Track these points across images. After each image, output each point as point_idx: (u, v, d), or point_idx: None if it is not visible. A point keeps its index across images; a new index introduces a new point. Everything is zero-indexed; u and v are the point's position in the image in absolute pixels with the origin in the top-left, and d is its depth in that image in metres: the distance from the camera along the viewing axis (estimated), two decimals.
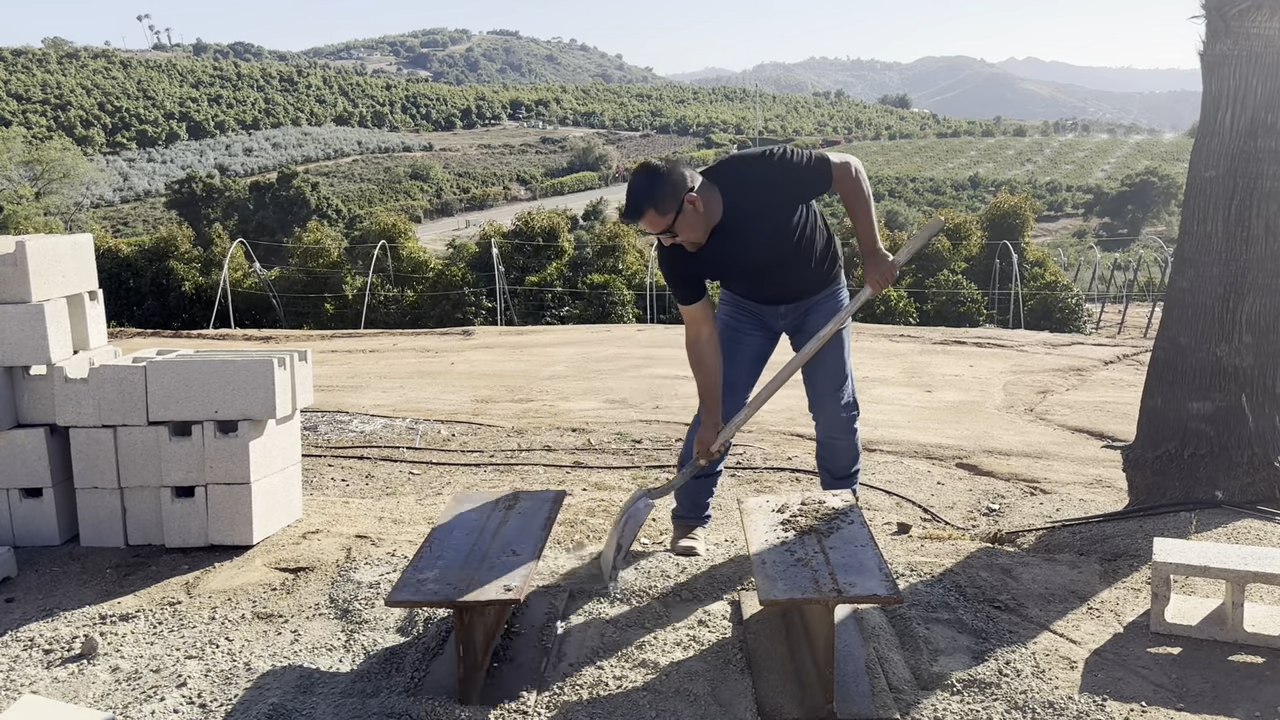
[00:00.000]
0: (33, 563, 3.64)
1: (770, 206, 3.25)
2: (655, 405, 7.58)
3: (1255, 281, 3.67)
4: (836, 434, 3.65)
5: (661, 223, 3.11)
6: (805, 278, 3.45)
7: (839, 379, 3.56)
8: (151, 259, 22.75)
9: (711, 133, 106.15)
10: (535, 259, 23.49)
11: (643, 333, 14.59)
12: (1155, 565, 2.92)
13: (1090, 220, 60.86)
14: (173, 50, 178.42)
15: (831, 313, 3.47)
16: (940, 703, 2.58)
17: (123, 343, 10.68)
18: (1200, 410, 3.74)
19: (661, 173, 3.11)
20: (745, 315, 3.59)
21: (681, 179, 3.10)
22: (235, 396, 3.67)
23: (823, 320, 3.45)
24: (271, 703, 2.62)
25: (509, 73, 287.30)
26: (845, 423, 3.62)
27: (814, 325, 3.47)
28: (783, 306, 3.54)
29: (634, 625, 3.06)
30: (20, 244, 3.68)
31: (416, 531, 3.97)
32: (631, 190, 3.12)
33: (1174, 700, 2.59)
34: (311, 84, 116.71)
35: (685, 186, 3.10)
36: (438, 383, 9.19)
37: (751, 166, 3.27)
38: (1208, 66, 3.75)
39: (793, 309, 3.54)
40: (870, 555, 2.71)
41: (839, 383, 3.56)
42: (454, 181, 78.82)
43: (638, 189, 3.10)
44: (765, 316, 3.58)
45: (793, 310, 3.54)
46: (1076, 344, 12.29)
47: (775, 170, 3.22)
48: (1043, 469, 5.43)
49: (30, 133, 56.20)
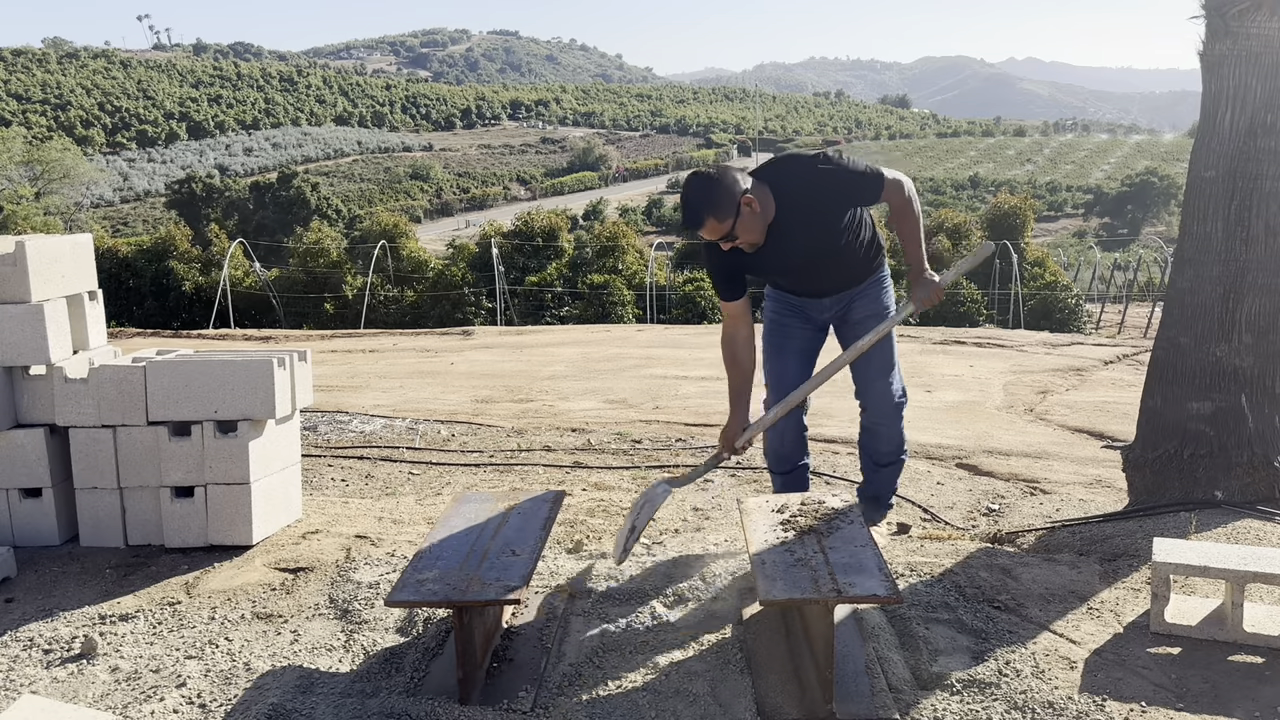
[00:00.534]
0: (32, 563, 3.64)
1: (822, 205, 3.26)
2: (655, 405, 7.58)
3: (1255, 282, 3.67)
4: (882, 419, 3.70)
5: (721, 228, 3.11)
6: (852, 270, 3.51)
7: (888, 364, 3.63)
8: (151, 259, 22.74)
9: (711, 133, 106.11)
10: (535, 259, 23.49)
11: (643, 333, 14.59)
12: (1155, 565, 2.92)
13: (1090, 220, 60.88)
14: (173, 50, 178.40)
15: (874, 300, 3.56)
16: (940, 703, 2.58)
17: (123, 343, 10.68)
18: (1200, 410, 3.74)
19: (715, 178, 3.12)
20: (791, 310, 3.65)
21: (735, 182, 3.12)
22: (235, 396, 3.67)
23: (865, 308, 3.54)
24: (271, 703, 2.62)
25: (509, 73, 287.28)
26: (894, 409, 3.69)
27: (857, 315, 3.57)
28: (828, 299, 3.59)
29: (634, 625, 3.06)
30: (20, 244, 3.68)
31: (416, 531, 3.97)
32: (688, 199, 3.12)
33: (1174, 700, 2.59)
34: (311, 84, 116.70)
35: (740, 189, 3.11)
36: (437, 383, 9.19)
37: (803, 168, 3.28)
38: (1207, 66, 3.75)
39: (838, 300, 3.60)
40: (870, 555, 2.71)
41: (888, 368, 3.63)
42: (454, 181, 78.83)
43: (695, 198, 3.10)
44: (810, 310, 3.64)
45: (837, 301, 3.60)
46: (1076, 344, 12.28)
47: (825, 175, 3.23)
48: (1042, 469, 5.43)
49: (30, 133, 56.20)
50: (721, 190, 3.09)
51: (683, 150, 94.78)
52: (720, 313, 3.47)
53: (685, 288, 22.24)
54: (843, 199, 3.30)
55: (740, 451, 3.43)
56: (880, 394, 3.65)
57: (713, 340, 13.72)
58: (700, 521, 4.19)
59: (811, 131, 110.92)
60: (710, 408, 7.41)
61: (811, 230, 3.28)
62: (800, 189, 3.23)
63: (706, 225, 3.11)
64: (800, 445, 3.86)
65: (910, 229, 3.35)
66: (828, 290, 3.57)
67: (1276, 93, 3.61)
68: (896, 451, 3.80)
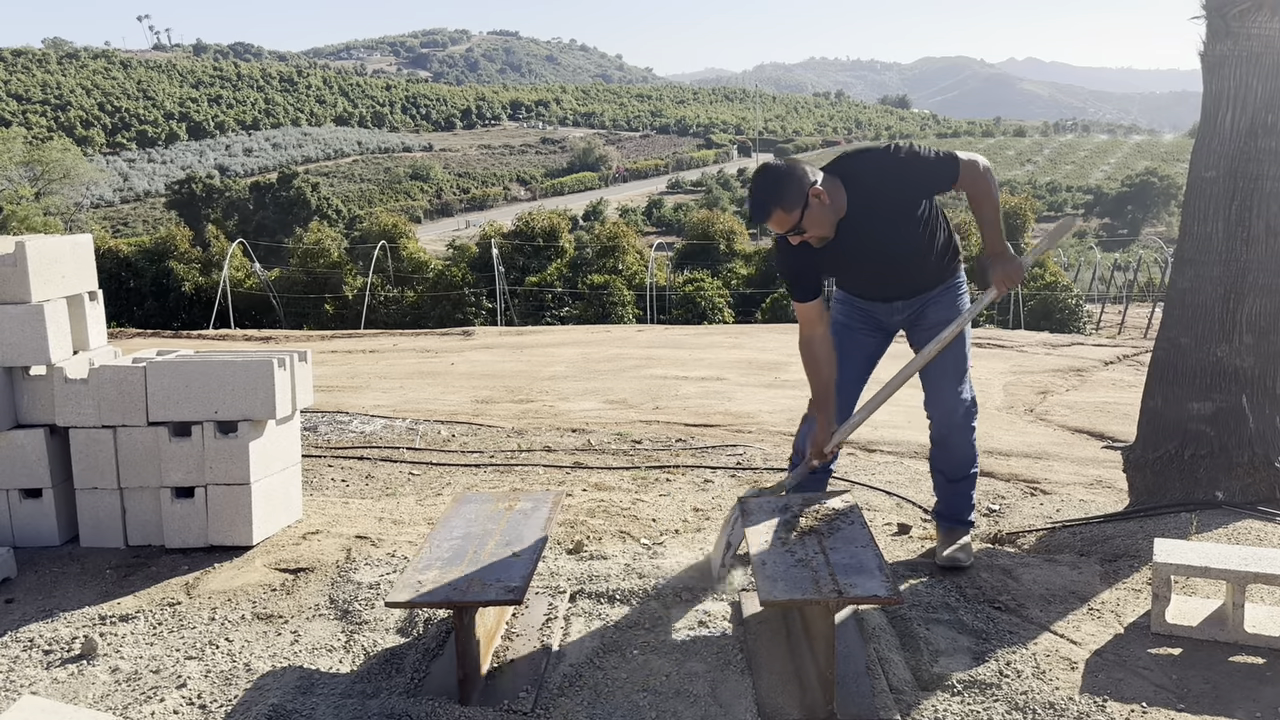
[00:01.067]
0: (33, 563, 3.64)
1: (895, 199, 3.17)
2: (655, 406, 7.58)
3: (1256, 282, 3.66)
4: (952, 430, 3.48)
5: (789, 220, 3.06)
6: (925, 272, 3.36)
7: (960, 371, 3.43)
8: (151, 259, 22.76)
9: (711, 133, 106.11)
10: (535, 259, 23.51)
11: (643, 333, 14.60)
12: (1156, 566, 2.92)
13: (1090, 221, 60.88)
14: (173, 50, 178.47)
15: (949, 306, 3.40)
16: (941, 704, 2.58)
17: (123, 343, 10.67)
18: (1200, 411, 3.74)
19: (783, 170, 3.07)
20: (859, 315, 3.49)
21: (804, 174, 3.06)
22: (235, 397, 3.66)
23: (939, 314, 3.38)
24: (271, 703, 2.62)
25: (509, 73, 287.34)
26: (964, 419, 3.47)
27: (930, 320, 3.40)
28: (899, 302, 3.44)
29: (634, 625, 3.06)
30: (20, 244, 3.68)
31: (416, 532, 3.97)
32: (755, 191, 3.08)
33: (1174, 701, 2.59)
34: (311, 84, 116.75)
35: (809, 181, 3.05)
36: (438, 383, 9.19)
37: (876, 159, 3.19)
38: (1208, 67, 3.75)
39: (910, 304, 3.43)
40: (870, 556, 2.70)
41: (960, 373, 3.44)
42: (454, 182, 78.84)
43: (762, 189, 3.06)
44: (880, 314, 3.49)
45: (909, 305, 3.44)
46: (1076, 344, 12.29)
47: (900, 164, 3.14)
48: (1043, 469, 5.43)
49: (30, 133, 56.15)
50: (790, 182, 3.03)
51: (683, 150, 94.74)
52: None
53: (685, 288, 22.24)
54: (918, 187, 3.18)
55: (828, 457, 3.34)
56: (950, 401, 3.44)
57: (712, 340, 13.72)
58: (700, 522, 4.18)
59: (811, 132, 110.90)
60: (710, 408, 7.41)
61: (884, 224, 3.17)
62: (872, 180, 3.14)
63: (773, 217, 3.05)
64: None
65: (988, 211, 3.23)
66: (899, 294, 3.41)
67: (1277, 93, 3.61)
68: (969, 464, 3.56)
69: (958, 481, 3.58)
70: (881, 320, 3.51)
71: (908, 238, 3.23)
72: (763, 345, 12.12)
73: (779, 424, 6.64)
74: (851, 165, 3.20)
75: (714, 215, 28.35)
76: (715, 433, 6.41)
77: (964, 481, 3.58)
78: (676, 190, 73.41)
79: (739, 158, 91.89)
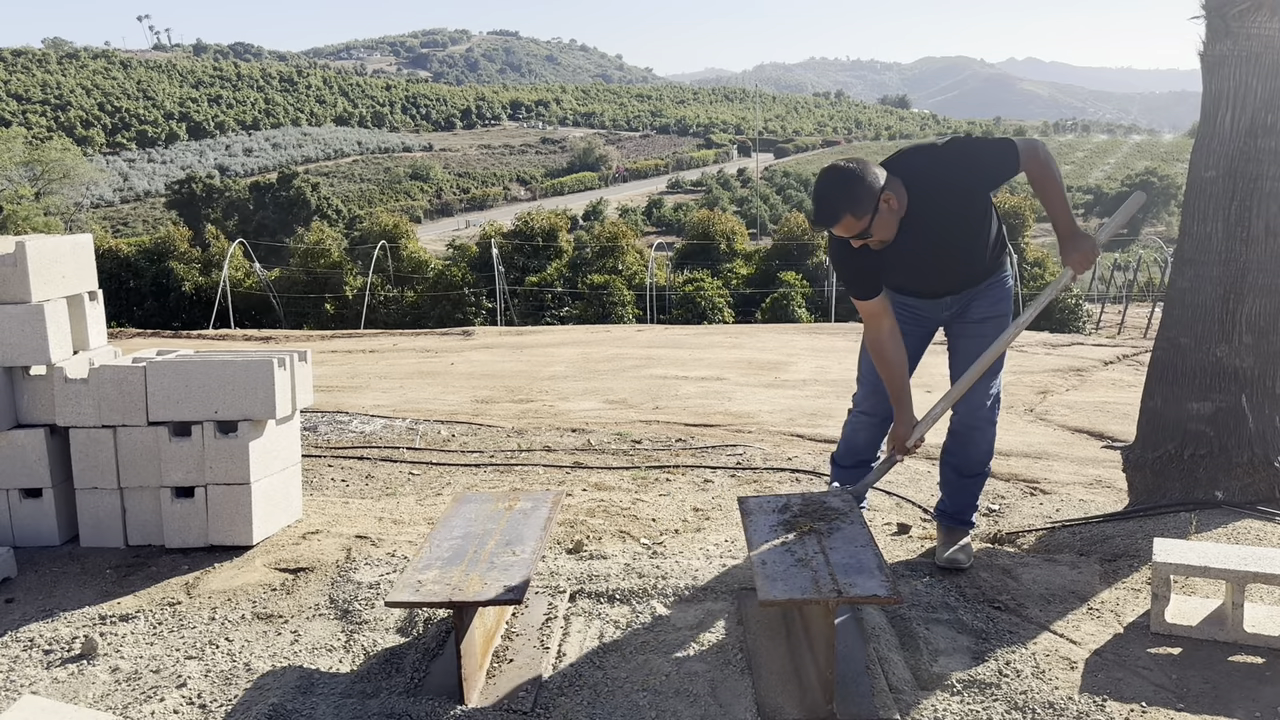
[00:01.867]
0: (33, 563, 3.64)
1: (956, 195, 3.12)
2: (655, 405, 7.58)
3: (1255, 282, 3.66)
4: (976, 423, 3.46)
5: (858, 226, 2.99)
6: (976, 267, 3.33)
7: (997, 363, 3.41)
8: (151, 259, 22.76)
9: (711, 133, 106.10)
10: (535, 259, 23.51)
11: (643, 333, 14.60)
12: (1155, 566, 2.92)
13: (1090, 220, 60.81)
14: (173, 50, 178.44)
15: (994, 301, 3.38)
16: (940, 703, 2.58)
17: (123, 343, 10.68)
18: (1200, 411, 3.74)
19: (856, 174, 2.98)
20: (904, 312, 3.43)
21: (875, 179, 2.99)
22: (235, 397, 3.66)
23: (984, 309, 3.37)
24: (271, 703, 2.62)
25: (509, 73, 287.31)
26: (988, 412, 3.45)
27: (975, 314, 3.39)
28: (948, 298, 3.40)
29: (634, 625, 3.06)
30: (20, 244, 3.68)
31: (416, 532, 3.97)
32: (824, 195, 2.99)
33: (1174, 701, 2.59)
34: (311, 84, 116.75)
35: (880, 186, 2.99)
36: (438, 383, 9.19)
37: (935, 157, 3.14)
38: (1208, 67, 3.75)
39: (958, 299, 3.41)
40: (870, 555, 2.71)
41: (996, 368, 3.41)
42: (454, 182, 78.84)
43: (833, 193, 2.98)
44: (927, 310, 3.45)
45: (957, 301, 3.41)
46: (1076, 344, 12.29)
47: (961, 159, 3.11)
48: (1043, 469, 5.43)
49: (30, 133, 56.13)
50: (863, 188, 2.95)
51: (683, 150, 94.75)
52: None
53: (685, 288, 22.24)
54: (982, 179, 3.14)
55: (911, 451, 3.31)
56: (979, 395, 3.41)
57: (712, 340, 13.73)
58: (700, 522, 4.19)
59: (811, 132, 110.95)
60: (710, 408, 7.41)
61: (945, 221, 3.12)
62: (932, 177, 3.09)
63: (843, 222, 2.98)
64: (875, 443, 3.64)
65: (1054, 193, 3.15)
66: (950, 289, 3.37)
67: (1277, 93, 3.61)
68: (984, 461, 3.54)
69: (969, 478, 3.56)
70: (926, 316, 3.47)
71: (966, 233, 3.19)
72: (762, 345, 12.13)
73: (779, 424, 6.64)
74: (911, 163, 3.14)
75: (714, 215, 28.36)
76: (715, 433, 6.41)
77: (975, 479, 3.57)
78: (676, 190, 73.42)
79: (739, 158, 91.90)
